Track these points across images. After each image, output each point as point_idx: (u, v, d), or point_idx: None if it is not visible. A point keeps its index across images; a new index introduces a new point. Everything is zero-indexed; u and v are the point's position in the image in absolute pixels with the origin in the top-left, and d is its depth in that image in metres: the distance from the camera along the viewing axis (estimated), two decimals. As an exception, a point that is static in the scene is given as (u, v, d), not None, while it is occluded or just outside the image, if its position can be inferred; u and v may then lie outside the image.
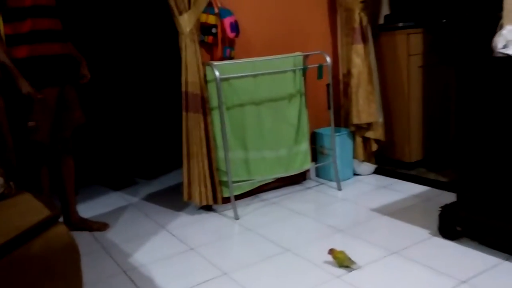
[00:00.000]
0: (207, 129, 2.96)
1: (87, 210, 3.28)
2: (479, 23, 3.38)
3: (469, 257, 2.23)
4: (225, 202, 3.09)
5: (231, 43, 3.12)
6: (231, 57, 3.11)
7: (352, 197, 3.20)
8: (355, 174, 3.64)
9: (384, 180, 3.50)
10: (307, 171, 3.58)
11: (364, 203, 3.06)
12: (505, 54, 2.18)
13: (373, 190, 3.32)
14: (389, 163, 3.71)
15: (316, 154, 3.60)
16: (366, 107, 3.42)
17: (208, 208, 3.15)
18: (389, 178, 3.53)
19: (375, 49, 3.54)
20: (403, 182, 3.41)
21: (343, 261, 2.20)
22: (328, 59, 3.23)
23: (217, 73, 2.85)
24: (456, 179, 2.47)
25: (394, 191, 3.24)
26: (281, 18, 3.36)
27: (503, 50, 2.26)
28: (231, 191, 3.01)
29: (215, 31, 3.00)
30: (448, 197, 2.89)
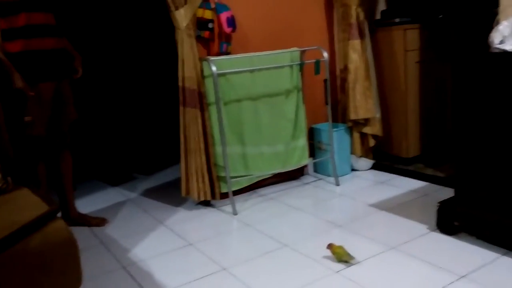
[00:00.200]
0: (205, 125, 2.96)
1: (85, 205, 3.27)
2: (475, 19, 3.38)
3: (467, 252, 2.24)
4: (223, 197, 3.09)
5: (227, 38, 3.11)
6: (227, 52, 3.11)
7: (350, 193, 3.20)
8: (353, 169, 3.64)
9: (382, 175, 3.51)
10: (305, 166, 3.58)
11: (362, 198, 3.07)
12: (501, 49, 2.18)
13: (371, 185, 3.33)
14: (386, 159, 3.71)
15: (313, 149, 3.61)
16: (363, 103, 3.42)
17: (206, 203, 3.15)
18: (386, 173, 3.54)
19: (372, 44, 3.54)
20: (401, 177, 3.42)
21: (341, 256, 2.21)
22: (325, 55, 3.23)
23: (214, 68, 2.84)
24: (453, 174, 2.48)
25: (392, 186, 3.25)
26: (278, 13, 3.35)
27: (499, 45, 2.26)
28: (229, 187, 3.01)
29: (211, 26, 3.00)
30: (446, 193, 2.90)
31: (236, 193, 3.14)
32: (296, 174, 3.56)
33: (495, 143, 2.17)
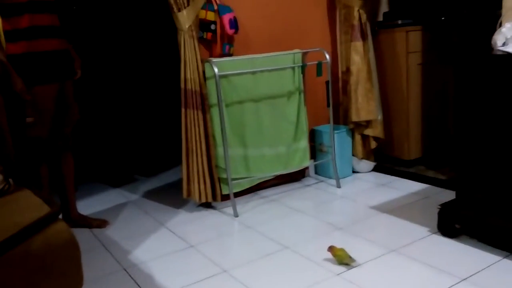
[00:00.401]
0: (206, 126, 2.96)
1: (86, 207, 3.28)
2: (478, 21, 3.38)
3: (468, 255, 2.23)
4: (224, 199, 3.09)
5: (230, 40, 3.12)
6: (230, 54, 3.11)
7: (351, 195, 3.20)
8: (354, 171, 3.64)
9: (383, 177, 3.51)
10: (306, 168, 3.58)
11: (363, 200, 3.07)
12: (504, 51, 2.18)
13: (372, 187, 3.32)
14: (388, 161, 3.71)
15: (315, 151, 3.60)
16: (365, 105, 3.42)
17: (207, 205, 3.15)
18: (388, 175, 3.54)
19: (374, 46, 3.54)
20: (402, 179, 3.42)
21: (342, 259, 2.21)
22: (327, 56, 3.23)
23: (216, 70, 2.85)
24: (455, 177, 2.48)
25: (393, 188, 3.25)
26: (281, 15, 3.35)
27: (502, 47, 2.27)
28: (231, 188, 3.01)
29: (214, 27, 3.00)
30: (447, 195, 2.90)
31: (237, 195, 3.14)
32: (297, 176, 3.55)
33: (497, 146, 2.17)
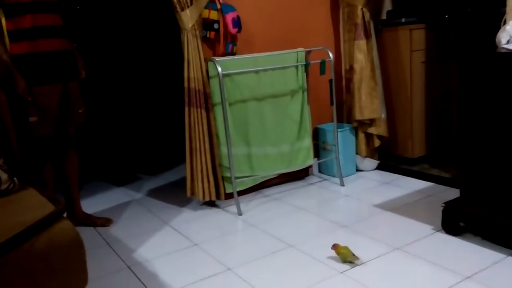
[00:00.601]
0: (210, 125, 2.96)
1: (90, 205, 3.28)
2: (482, 19, 3.37)
3: (472, 253, 2.23)
4: (228, 198, 3.09)
5: (233, 39, 3.12)
6: (233, 53, 3.11)
7: (355, 193, 3.20)
8: (358, 170, 3.64)
9: (387, 176, 3.50)
10: (310, 167, 3.58)
11: (367, 199, 3.06)
12: (508, 49, 2.17)
13: (376, 186, 3.32)
14: (392, 159, 3.71)
15: (318, 150, 3.60)
16: (368, 103, 3.41)
17: (211, 203, 3.15)
18: (392, 174, 3.53)
19: (377, 44, 3.53)
20: (406, 178, 3.41)
21: (346, 257, 2.21)
22: (330, 55, 3.23)
23: (219, 69, 2.85)
24: (459, 175, 2.47)
25: (397, 187, 3.24)
26: (284, 13, 3.35)
27: (506, 45, 2.26)
28: (234, 187, 3.01)
29: (217, 26, 3.00)
30: (451, 193, 2.89)
31: (241, 193, 3.14)
32: (301, 174, 3.56)
33: (502, 144, 2.16)
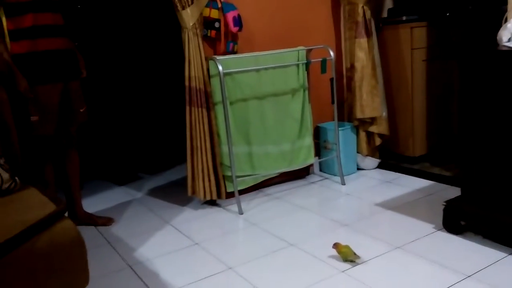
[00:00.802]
0: (211, 124, 2.96)
1: (91, 205, 3.28)
2: (483, 17, 3.36)
3: (473, 252, 2.23)
4: (229, 196, 3.09)
5: (234, 38, 3.12)
6: (234, 52, 3.11)
7: (356, 192, 3.20)
8: (359, 168, 3.63)
9: (388, 174, 3.50)
10: (311, 165, 3.58)
11: (368, 197, 3.06)
12: (510, 47, 2.17)
13: (377, 184, 3.32)
14: (393, 158, 3.70)
15: (319, 148, 3.60)
16: (369, 102, 3.41)
17: (212, 202, 3.15)
18: (393, 172, 3.53)
19: (378, 43, 3.53)
20: (407, 176, 3.41)
21: (347, 256, 2.21)
22: (331, 53, 3.22)
23: (220, 68, 2.85)
24: (460, 174, 2.47)
25: (398, 185, 3.24)
26: (284, 12, 3.35)
27: (508, 43, 2.25)
28: (235, 186, 3.01)
29: (218, 25, 3.00)
30: (452, 192, 2.89)
31: (242, 192, 3.14)
32: (302, 173, 3.55)
33: (503, 142, 2.16)
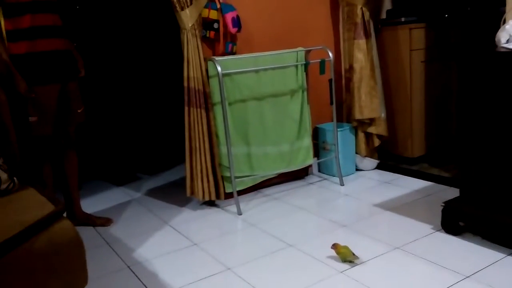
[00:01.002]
0: (210, 125, 2.96)
1: (90, 205, 3.28)
2: (482, 18, 3.37)
3: (472, 252, 2.23)
4: (227, 197, 3.09)
5: (233, 38, 3.12)
6: (233, 52, 3.11)
7: (354, 193, 3.20)
8: (358, 169, 3.64)
9: (386, 175, 3.50)
10: (310, 166, 3.58)
11: (366, 198, 3.06)
12: (508, 48, 2.17)
13: (376, 185, 3.32)
14: (391, 159, 3.71)
15: (318, 149, 3.60)
16: (368, 102, 3.41)
17: (211, 203, 3.15)
18: (391, 173, 3.53)
19: (377, 44, 3.53)
20: (406, 177, 3.41)
21: (346, 256, 2.21)
22: (330, 54, 3.23)
23: (219, 68, 2.85)
24: (459, 174, 2.47)
25: (396, 186, 3.24)
26: (283, 13, 3.35)
27: (506, 44, 2.26)
28: (234, 187, 3.01)
29: (217, 26, 3.00)
30: (451, 192, 2.89)
31: (240, 193, 3.14)
32: (300, 174, 3.56)
33: (501, 143, 2.16)
